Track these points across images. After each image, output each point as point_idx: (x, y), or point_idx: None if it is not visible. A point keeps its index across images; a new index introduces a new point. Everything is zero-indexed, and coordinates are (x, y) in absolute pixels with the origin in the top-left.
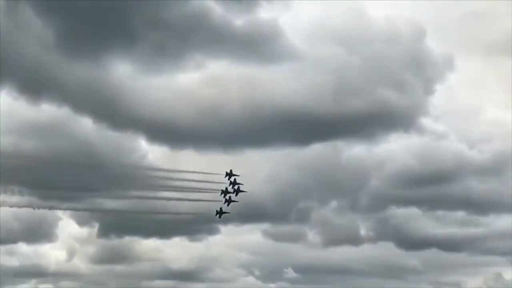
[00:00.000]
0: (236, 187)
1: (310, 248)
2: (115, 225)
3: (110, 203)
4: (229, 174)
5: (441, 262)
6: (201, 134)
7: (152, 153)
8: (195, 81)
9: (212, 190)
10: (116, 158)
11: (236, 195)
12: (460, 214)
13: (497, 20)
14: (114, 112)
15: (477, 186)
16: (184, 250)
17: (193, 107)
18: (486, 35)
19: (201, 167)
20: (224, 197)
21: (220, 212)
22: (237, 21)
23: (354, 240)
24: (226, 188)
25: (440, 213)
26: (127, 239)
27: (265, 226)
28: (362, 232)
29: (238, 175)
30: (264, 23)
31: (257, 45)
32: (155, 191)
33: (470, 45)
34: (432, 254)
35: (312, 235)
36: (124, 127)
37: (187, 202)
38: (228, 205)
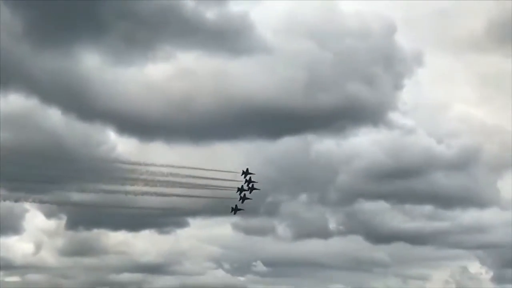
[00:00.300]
0: (250, 185)
1: (280, 241)
2: (84, 217)
3: (78, 196)
4: (245, 173)
5: (408, 256)
6: (171, 127)
7: (121, 145)
8: (165, 73)
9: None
10: (84, 150)
11: (250, 192)
12: (428, 208)
13: (466, 17)
14: (82, 103)
15: (444, 181)
16: (152, 243)
17: (163, 99)
18: (455, 32)
19: (171, 160)
20: (239, 194)
21: (235, 209)
22: (208, 14)
23: (323, 233)
24: (242, 186)
25: (407, 207)
26: (96, 232)
27: (235, 219)
28: (331, 225)
29: (254, 174)
30: (235, 16)
31: (228, 38)
32: (139, 185)
33: (439, 41)
34: (400, 247)
35: (282, 229)
36: (93, 119)
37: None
38: (242, 202)
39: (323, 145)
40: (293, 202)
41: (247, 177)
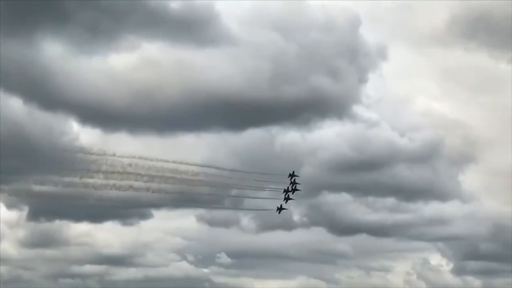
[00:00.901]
0: (294, 186)
1: (244, 233)
2: (45, 208)
3: (40, 186)
4: (292, 175)
5: (370, 247)
6: (134, 117)
7: (84, 136)
8: (129, 63)
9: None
10: (46, 140)
11: (293, 193)
12: (390, 200)
13: (430, 12)
14: (45, 93)
15: (407, 174)
16: (115, 234)
17: (127, 89)
18: (418, 26)
19: (135, 150)
20: (285, 195)
21: (280, 208)
22: (173, 4)
23: (287, 225)
24: (288, 187)
25: (370, 199)
26: (57, 223)
27: (199, 211)
28: (295, 217)
29: (298, 176)
30: (200, 7)
31: (193, 29)
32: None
33: (403, 35)
34: (362, 239)
35: (246, 220)
36: (56, 109)
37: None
38: (286, 202)
39: (288, 137)
40: (257, 194)
41: (292, 179)
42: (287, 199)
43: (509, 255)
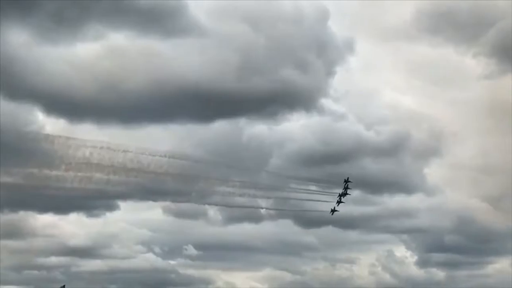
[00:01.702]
0: (346, 191)
1: (211, 225)
2: (9, 199)
3: (4, 177)
4: (346, 181)
5: (337, 240)
6: (100, 108)
7: (49, 126)
8: (94, 53)
9: None
10: (11, 130)
11: (344, 197)
12: (356, 193)
13: (397, 7)
14: (9, 83)
15: (373, 167)
16: (81, 226)
17: (93, 79)
18: (386, 21)
19: (101, 141)
20: (338, 199)
21: (333, 210)
22: None
23: (254, 217)
24: (342, 192)
25: (337, 191)
26: (22, 214)
27: (166, 203)
28: (262, 209)
29: (351, 182)
30: None
31: (160, 19)
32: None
33: (370, 30)
34: (329, 231)
35: (213, 212)
36: (20, 98)
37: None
38: (338, 205)
39: (256, 129)
40: (224, 185)
41: (346, 185)
42: (339, 202)
43: (473, 248)
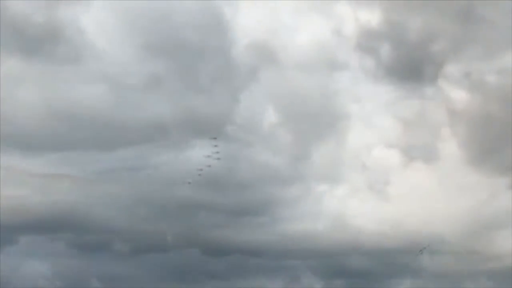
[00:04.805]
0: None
1: (116, 256)
2: None
3: None
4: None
5: (244, 267)
6: None
7: None
8: None
9: None
10: None
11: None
12: (263, 219)
13: None
14: None
15: (279, 194)
16: None
17: None
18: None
19: None
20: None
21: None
22: (35, 16)
23: (161, 247)
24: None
25: (245, 219)
26: None
27: (69, 235)
28: (169, 238)
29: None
30: (64, 20)
31: (55, 43)
32: None
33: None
34: (236, 259)
35: (119, 244)
36: None
37: None
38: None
39: (161, 157)
40: (131, 216)
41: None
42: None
43: (377, 272)
